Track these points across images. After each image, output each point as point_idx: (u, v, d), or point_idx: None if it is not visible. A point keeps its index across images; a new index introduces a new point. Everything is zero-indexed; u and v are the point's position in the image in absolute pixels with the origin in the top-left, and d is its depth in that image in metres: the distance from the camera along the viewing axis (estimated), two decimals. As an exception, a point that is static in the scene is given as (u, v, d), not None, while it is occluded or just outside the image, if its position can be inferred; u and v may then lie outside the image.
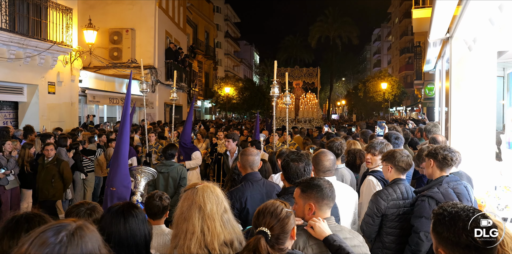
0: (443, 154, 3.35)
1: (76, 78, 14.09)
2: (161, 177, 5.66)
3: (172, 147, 6.05)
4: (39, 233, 1.29)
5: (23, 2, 11.10)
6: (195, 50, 30.94)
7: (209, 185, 2.40)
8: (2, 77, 10.66)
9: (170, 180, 5.68)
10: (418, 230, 3.19)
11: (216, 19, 43.33)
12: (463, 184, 3.33)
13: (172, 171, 5.72)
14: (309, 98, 18.87)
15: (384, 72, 38.95)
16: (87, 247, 1.32)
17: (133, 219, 2.32)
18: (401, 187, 3.46)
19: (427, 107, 29.37)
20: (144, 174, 3.92)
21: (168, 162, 5.84)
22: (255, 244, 1.96)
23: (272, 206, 2.10)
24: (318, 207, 2.44)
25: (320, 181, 2.49)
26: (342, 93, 66.05)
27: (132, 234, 2.28)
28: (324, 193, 2.44)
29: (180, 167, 5.82)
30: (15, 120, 12.17)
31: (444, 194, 3.20)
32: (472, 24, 4.75)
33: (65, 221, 1.36)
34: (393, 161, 3.54)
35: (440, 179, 3.36)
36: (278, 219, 2.05)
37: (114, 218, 2.28)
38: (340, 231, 2.47)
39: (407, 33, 45.64)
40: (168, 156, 5.89)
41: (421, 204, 3.22)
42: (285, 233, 2.06)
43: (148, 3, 19.67)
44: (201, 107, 37.65)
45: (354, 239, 2.48)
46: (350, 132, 11.25)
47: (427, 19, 7.03)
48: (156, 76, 20.00)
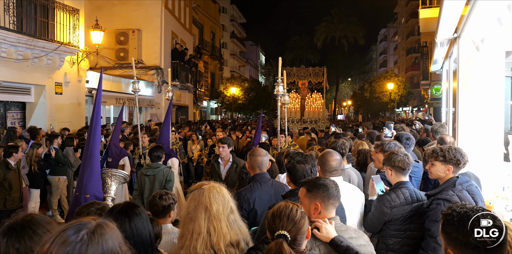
0: (463, 161, 3.29)
1: (83, 79, 14.16)
2: (147, 180, 5.43)
3: (159, 148, 5.76)
4: (59, 232, 1.30)
5: (30, 3, 11.18)
6: (201, 51, 31.01)
7: (216, 185, 2.41)
8: (10, 78, 10.74)
9: (156, 183, 5.40)
10: (435, 234, 3.05)
11: (222, 20, 43.39)
12: (474, 185, 3.27)
13: (158, 173, 5.46)
14: (315, 98, 18.56)
15: (391, 72, 38.80)
16: (108, 244, 1.33)
17: (138, 217, 2.33)
18: (404, 191, 3.36)
19: (434, 107, 29.24)
20: (115, 177, 3.63)
21: (154, 164, 5.57)
22: (277, 248, 1.95)
23: (287, 208, 2.11)
24: (324, 207, 2.44)
25: (326, 181, 2.49)
26: (348, 94, 65.93)
27: (138, 233, 2.29)
28: (330, 193, 2.44)
29: (167, 170, 5.56)
30: (23, 121, 12.25)
31: (460, 196, 3.10)
32: (480, 24, 4.72)
33: (85, 219, 1.37)
34: (389, 162, 3.47)
35: (451, 180, 3.26)
36: (294, 222, 2.06)
37: (119, 219, 2.29)
38: (346, 230, 2.46)
39: (413, 33, 45.46)
40: (154, 158, 5.63)
41: (437, 207, 3.11)
42: (302, 234, 2.08)
43: (154, 4, 19.74)
44: (207, 107, 37.72)
45: (360, 239, 2.48)
46: (357, 132, 11.21)
47: (434, 19, 7.00)
48: (162, 77, 20.06)
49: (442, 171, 3.32)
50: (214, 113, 40.07)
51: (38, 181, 7.76)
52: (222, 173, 5.90)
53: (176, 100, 22.68)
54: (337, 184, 2.54)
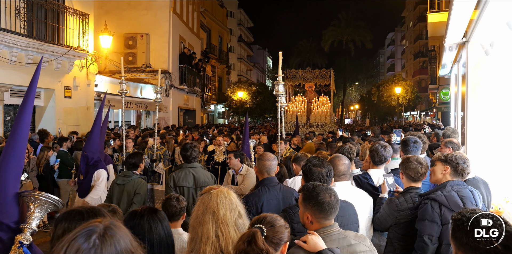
0: (463, 167, 3.30)
1: (91, 83, 14.28)
2: (117, 189, 4.92)
3: (136, 155, 5.20)
4: (70, 241, 1.29)
5: (41, 8, 11.32)
6: (208, 55, 31.13)
7: (224, 190, 2.42)
8: (20, 81, 10.86)
9: (125, 193, 4.84)
10: (421, 234, 3.11)
11: (229, 24, 43.57)
12: (468, 188, 3.27)
13: (128, 183, 4.87)
14: (321, 101, 18.04)
15: (398, 76, 38.69)
16: (120, 244, 1.34)
17: (158, 222, 2.42)
18: (413, 196, 3.39)
19: (442, 112, 29.06)
20: (40, 202, 2.42)
21: (127, 173, 5.03)
22: (251, 235, 1.97)
23: (273, 215, 2.14)
24: (314, 219, 2.39)
25: (321, 194, 2.37)
26: (355, 98, 65.77)
27: (160, 238, 2.38)
28: (322, 208, 2.35)
29: (139, 181, 4.91)
30: (32, 124, 12.37)
31: (447, 196, 3.13)
32: (489, 28, 4.70)
33: (92, 223, 1.37)
34: (402, 168, 3.52)
35: (444, 183, 3.30)
36: (273, 225, 2.07)
37: (138, 225, 2.38)
38: (344, 238, 2.40)
39: (421, 37, 45.33)
40: (130, 165, 5.09)
41: (424, 206, 3.17)
42: (276, 238, 2.05)
43: (163, 8, 19.89)
44: (214, 111, 37.81)
45: (361, 244, 2.43)
46: (365, 136, 11.16)
47: (443, 24, 6.97)
48: (170, 81, 20.16)
49: (440, 170, 3.38)
50: (221, 117, 40.16)
51: (48, 183, 7.84)
52: (236, 180, 6.00)
53: (184, 104, 22.77)
54: (337, 197, 2.43)
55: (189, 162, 4.91)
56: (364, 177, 4.09)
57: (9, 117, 11.47)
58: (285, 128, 16.59)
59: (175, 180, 4.76)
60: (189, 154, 4.87)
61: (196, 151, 4.91)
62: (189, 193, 4.74)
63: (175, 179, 4.77)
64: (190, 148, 4.88)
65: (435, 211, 3.09)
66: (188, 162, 4.91)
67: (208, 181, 4.80)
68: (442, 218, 3.07)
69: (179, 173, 4.83)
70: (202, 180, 4.78)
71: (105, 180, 5.92)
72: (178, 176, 4.79)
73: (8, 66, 10.26)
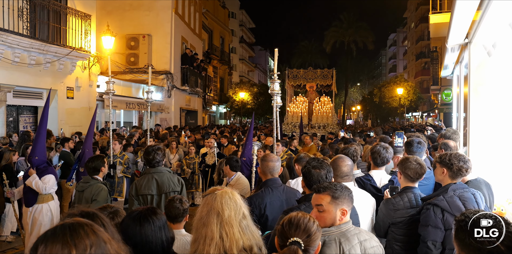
0: (458, 165, 3.29)
1: (94, 84, 14.31)
2: (77, 196, 4.62)
3: (96, 159, 4.74)
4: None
5: (43, 9, 11.36)
6: (210, 56, 31.15)
7: (229, 191, 2.42)
8: (23, 82, 10.89)
9: (83, 200, 4.48)
10: (425, 239, 3.12)
11: (231, 25, 43.59)
12: (470, 191, 3.27)
13: (86, 189, 4.50)
14: (323, 102, 17.79)
15: (400, 77, 38.67)
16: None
17: (149, 225, 2.33)
18: (409, 195, 3.40)
19: (444, 113, 29.03)
20: None
21: (86, 178, 4.65)
22: None
23: (305, 218, 2.12)
24: (348, 211, 2.49)
25: (343, 185, 2.55)
26: (357, 99, 65.71)
27: (147, 241, 2.29)
28: (352, 196, 2.53)
29: (97, 187, 4.51)
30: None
31: (449, 201, 3.14)
32: (492, 29, 4.69)
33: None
34: (401, 168, 3.52)
35: (446, 186, 3.30)
36: (309, 234, 2.06)
37: (131, 224, 2.32)
38: (359, 233, 2.47)
39: (423, 38, 45.30)
40: (90, 170, 4.67)
41: (426, 212, 3.17)
42: (313, 247, 2.08)
43: (165, 9, 19.94)
44: (216, 112, 37.81)
45: (372, 240, 2.49)
46: (367, 137, 11.14)
47: (445, 25, 6.97)
48: (172, 82, 20.19)
49: (439, 173, 3.40)
50: (223, 118, 40.17)
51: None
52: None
53: (186, 105, 22.79)
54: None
55: (152, 166, 4.48)
56: (366, 178, 4.10)
57: (11, 118, 11.50)
58: (286, 129, 16.54)
59: (137, 188, 4.36)
60: (151, 157, 4.45)
61: (159, 154, 4.48)
62: (153, 201, 4.33)
63: (137, 187, 4.37)
64: (153, 151, 4.45)
65: (438, 216, 3.10)
66: (152, 167, 4.49)
67: (174, 186, 4.39)
68: (445, 223, 3.08)
69: (141, 180, 4.41)
70: (167, 185, 4.36)
71: (52, 183, 5.67)
72: (140, 183, 4.37)
73: (11, 67, 10.29)
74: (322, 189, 2.50)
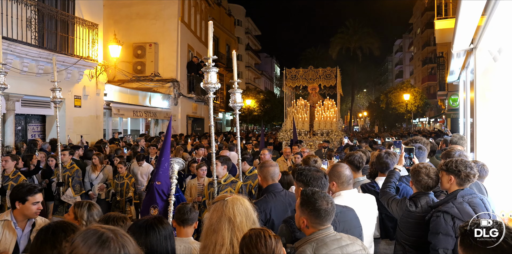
0: (466, 172, 3.23)
1: (101, 92, 14.43)
2: None
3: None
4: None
5: (51, 19, 11.50)
6: (216, 63, 31.27)
7: (239, 197, 2.43)
8: (31, 91, 11.00)
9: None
10: (436, 247, 3.08)
11: (237, 32, 43.82)
12: (478, 197, 3.24)
13: None
14: (327, 105, 15.25)
15: (407, 83, 38.61)
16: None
17: (155, 234, 2.34)
18: (422, 201, 3.40)
19: (451, 118, 28.84)
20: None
21: None
22: None
23: (260, 237, 2.07)
24: (310, 224, 2.42)
25: (318, 201, 2.40)
26: (363, 105, 65.58)
27: (152, 251, 2.30)
28: (318, 214, 2.38)
29: None
30: (43, 133, 12.51)
31: (459, 208, 3.10)
32: (497, 35, 4.68)
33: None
34: (413, 178, 3.53)
35: (454, 192, 3.26)
36: (273, 250, 2.05)
37: (136, 232, 2.32)
38: (340, 239, 2.43)
39: (429, 43, 45.18)
40: None
41: (436, 220, 3.13)
42: None
43: (171, 17, 20.11)
44: (223, 119, 37.88)
45: (355, 244, 2.46)
46: (373, 143, 11.09)
47: (450, 30, 6.96)
48: (179, 89, 20.29)
49: (446, 181, 3.34)
50: (229, 125, 40.22)
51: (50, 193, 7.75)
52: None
53: (192, 112, 22.87)
54: (334, 205, 2.46)
55: None
56: (371, 185, 4.09)
57: (20, 126, 11.60)
58: (284, 137, 15.82)
59: None
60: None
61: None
62: None
63: None
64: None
65: (449, 224, 3.06)
66: None
67: None
68: (456, 230, 3.03)
69: None
70: None
71: None
72: None
73: (19, 77, 10.40)
74: (304, 191, 2.54)
